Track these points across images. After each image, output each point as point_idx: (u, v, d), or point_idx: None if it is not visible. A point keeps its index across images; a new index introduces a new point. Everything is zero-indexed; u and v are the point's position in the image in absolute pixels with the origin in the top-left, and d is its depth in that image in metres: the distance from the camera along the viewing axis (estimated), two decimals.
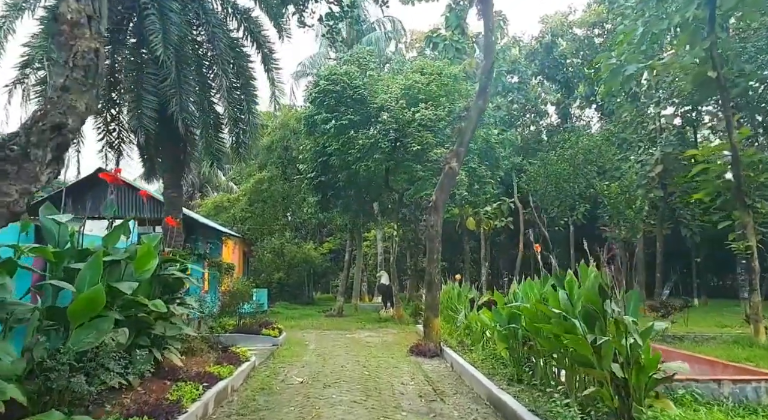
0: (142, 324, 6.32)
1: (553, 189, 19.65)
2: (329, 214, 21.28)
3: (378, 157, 16.43)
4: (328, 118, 17.29)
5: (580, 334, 4.65)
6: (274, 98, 11.32)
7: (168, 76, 9.04)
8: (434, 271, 10.70)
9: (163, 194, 10.39)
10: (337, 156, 17.43)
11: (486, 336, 9.17)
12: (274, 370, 9.25)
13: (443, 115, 16.40)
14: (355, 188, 19.61)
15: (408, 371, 9.01)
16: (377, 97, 17.04)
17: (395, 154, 17.33)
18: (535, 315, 6.30)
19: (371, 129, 16.77)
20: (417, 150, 16.03)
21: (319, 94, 17.27)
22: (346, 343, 12.98)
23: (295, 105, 22.14)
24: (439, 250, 10.84)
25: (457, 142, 10.71)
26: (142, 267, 6.33)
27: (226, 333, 11.95)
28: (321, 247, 37.92)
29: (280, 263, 33.92)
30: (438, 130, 16.75)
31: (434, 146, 16.32)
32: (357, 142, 16.63)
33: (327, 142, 17.66)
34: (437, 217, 10.71)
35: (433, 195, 10.71)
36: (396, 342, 13.04)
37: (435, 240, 10.72)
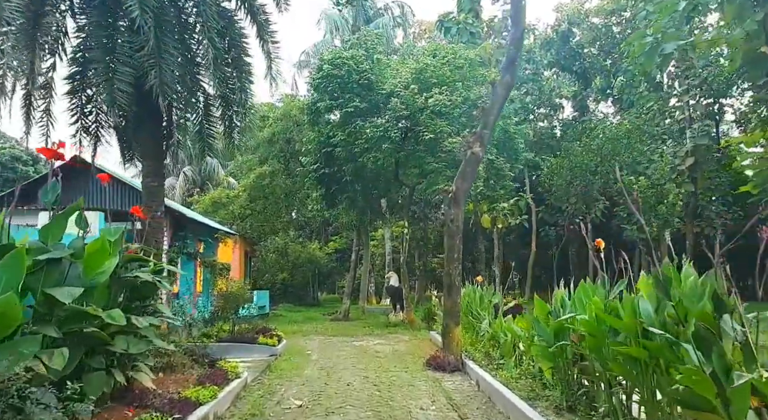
0: (93, 341, 4.96)
1: (578, 182, 18.20)
2: (334, 210, 19.91)
3: (387, 148, 15.05)
4: (333, 106, 15.94)
5: (694, 364, 3.23)
6: (270, 75, 9.94)
7: (145, 45, 7.68)
8: (454, 272, 9.29)
9: (142, 183, 9.04)
10: (343, 147, 16.06)
11: (519, 349, 7.75)
12: (270, 389, 7.87)
13: (459, 101, 15.00)
14: (362, 182, 18.24)
15: (426, 391, 7.60)
16: (386, 83, 15.67)
17: (406, 145, 15.94)
18: (598, 330, 4.89)
19: (379, 117, 15.39)
20: (430, 139, 14.64)
21: (322, 80, 15.91)
22: (353, 352, 11.59)
23: (297, 95, 20.82)
24: (460, 248, 9.44)
25: (480, 124, 9.31)
26: (94, 268, 4.98)
27: (218, 343, 10.59)
28: (326, 247, 36.62)
29: (284, 263, 32.62)
30: (453, 118, 15.34)
31: (449, 135, 14.91)
32: (364, 131, 15.26)
33: (331, 132, 16.30)
34: (458, 211, 9.30)
35: (453, 185, 9.30)
36: (409, 351, 11.64)
37: (455, 236, 9.32)
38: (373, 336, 15.06)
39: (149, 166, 8.88)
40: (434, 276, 39.83)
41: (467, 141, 9.31)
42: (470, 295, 11.20)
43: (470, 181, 9.68)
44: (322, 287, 44.06)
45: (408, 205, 17.60)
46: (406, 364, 9.87)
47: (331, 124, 16.90)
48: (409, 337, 14.50)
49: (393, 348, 12.24)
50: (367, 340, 13.92)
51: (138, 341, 5.67)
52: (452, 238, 9.35)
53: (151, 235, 8.47)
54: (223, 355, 10.23)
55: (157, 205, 8.76)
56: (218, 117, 10.55)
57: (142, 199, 9.05)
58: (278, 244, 32.61)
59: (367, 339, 14.25)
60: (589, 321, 5.05)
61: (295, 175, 20.32)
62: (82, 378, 4.97)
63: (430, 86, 15.35)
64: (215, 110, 10.48)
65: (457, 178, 9.40)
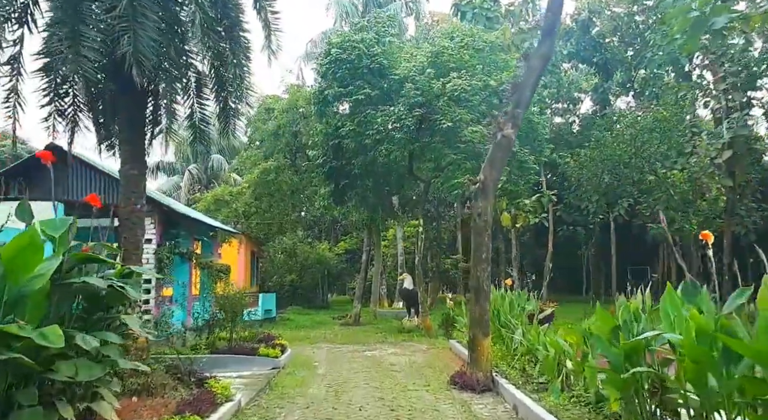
0: (20, 369, 3.73)
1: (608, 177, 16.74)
2: (344, 207, 18.65)
3: (400, 138, 13.76)
4: (341, 94, 14.68)
5: None
6: (269, 48, 8.69)
7: (117, 4, 6.46)
8: (482, 274, 7.97)
9: (120, 171, 7.83)
10: (352, 138, 14.79)
11: (566, 368, 6.41)
12: (266, 415, 6.61)
13: (479, 85, 13.66)
14: (373, 177, 16.96)
15: (454, 418, 6.30)
16: (399, 67, 14.38)
17: (421, 135, 14.62)
18: (704, 355, 3.56)
19: (392, 106, 14.09)
20: (447, 128, 13.31)
21: (330, 66, 14.66)
22: (365, 365, 10.30)
23: (304, 86, 19.59)
24: (489, 246, 8.12)
25: (513, 102, 7.99)
26: (22, 271, 3.75)
27: (212, 354, 9.36)
28: (336, 248, 35.41)
29: (293, 264, 31.43)
30: (472, 106, 14.01)
31: (468, 124, 13.57)
32: (375, 121, 13.97)
33: (340, 122, 15.04)
34: (486, 203, 7.99)
35: (481, 174, 8.00)
36: (428, 364, 10.32)
37: (483, 233, 8.00)
38: (387, 344, 13.77)
39: (128, 151, 7.65)
40: (448, 277, 38.50)
41: (497, 122, 7.99)
42: (498, 300, 9.86)
43: (500, 169, 8.36)
44: (332, 289, 42.87)
45: (423, 202, 16.29)
46: (426, 381, 8.57)
47: (340, 114, 15.64)
48: (426, 346, 13.19)
49: (410, 359, 10.93)
50: (380, 349, 12.63)
51: (91, 365, 4.42)
52: (480, 235, 8.03)
53: (130, 231, 7.25)
54: (219, 369, 8.99)
55: (137, 197, 7.55)
56: (212, 99, 9.33)
57: (119, 189, 7.84)
58: (286, 245, 31.48)
59: (380, 348, 12.96)
60: (688, 342, 3.71)
61: (302, 171, 19.10)
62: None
63: (448, 71, 14.04)
64: (208, 91, 9.26)
65: (486, 166, 8.08)
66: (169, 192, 31.62)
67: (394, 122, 13.83)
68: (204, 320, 9.92)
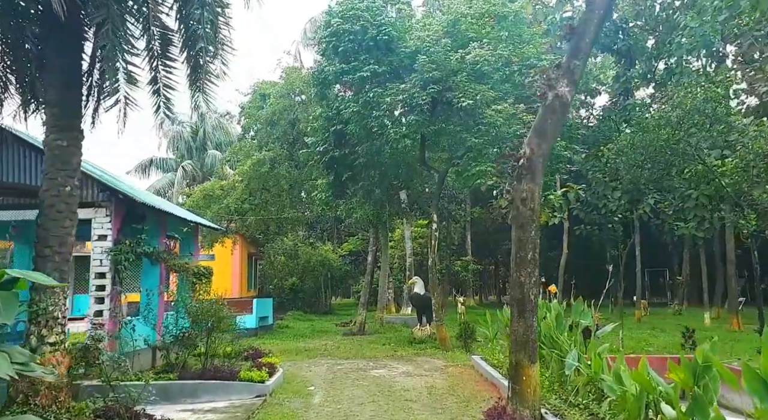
0: None
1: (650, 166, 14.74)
2: (347, 203, 16.72)
3: (412, 121, 11.82)
4: (344, 71, 12.77)
5: None
6: None
7: None
8: (528, 280, 6.02)
9: (43, 142, 5.95)
10: (356, 122, 12.88)
11: (664, 416, 4.44)
12: None
13: (505, 56, 11.74)
14: (380, 168, 15.05)
15: None
16: (410, 39, 12.46)
17: (435, 117, 12.71)
18: None
19: (402, 83, 12.17)
20: (467, 108, 11.38)
21: (331, 38, 12.76)
22: (372, 390, 8.35)
23: (303, 68, 17.66)
24: (537, 244, 6.19)
25: (569, 52, 6.06)
26: None
27: (179, 381, 7.45)
28: (340, 249, 33.58)
29: (294, 266, 29.61)
30: (495, 83, 12.08)
31: (493, 101, 11.64)
32: (383, 100, 12.05)
33: (342, 104, 13.12)
34: (533, 185, 6.05)
35: (525, 146, 6.08)
36: (450, 389, 8.37)
37: (529, 226, 6.06)
38: (397, 359, 11.82)
39: (54, 115, 5.76)
40: (457, 280, 36.50)
41: (547, 79, 6.05)
42: (539, 312, 7.86)
43: (552, 140, 6.39)
44: (335, 292, 41.07)
45: (437, 195, 14.33)
46: (451, 416, 6.63)
47: (342, 96, 13.74)
48: (443, 362, 11.22)
49: (426, 382, 8.97)
50: (389, 367, 10.68)
51: None
52: (524, 229, 6.09)
53: (53, 222, 5.36)
54: (186, 400, 7.09)
55: (66, 176, 5.67)
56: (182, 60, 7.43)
57: (43, 165, 5.95)
58: (287, 246, 29.64)
59: (389, 365, 11.01)
60: None
61: (301, 163, 17.18)
62: None
63: (467, 42, 12.12)
64: (176, 50, 7.36)
65: (531, 137, 6.14)
66: (162, 190, 29.83)
67: (405, 102, 11.91)
68: (171, 336, 8.02)
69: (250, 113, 16.78)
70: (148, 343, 7.80)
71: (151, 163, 31.84)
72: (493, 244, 47.09)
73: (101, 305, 7.53)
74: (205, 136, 30.43)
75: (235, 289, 23.08)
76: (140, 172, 31.70)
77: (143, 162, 31.73)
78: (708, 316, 24.08)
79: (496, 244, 47.28)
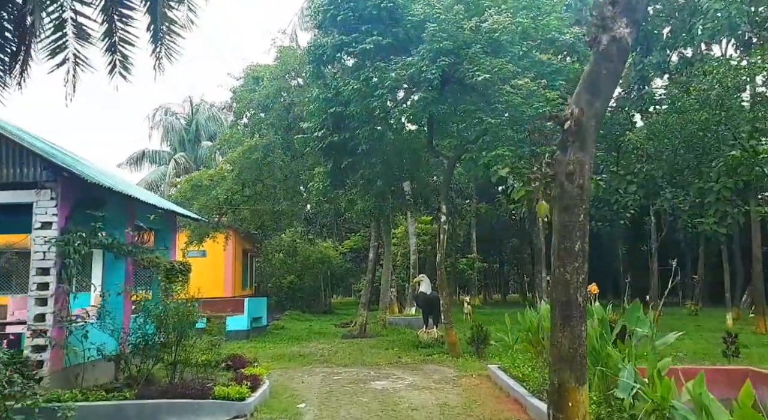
0: None
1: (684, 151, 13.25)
2: (347, 194, 15.36)
3: (420, 99, 10.46)
4: (343, 43, 11.41)
5: None
6: None
7: None
8: (575, 278, 4.68)
9: None
10: (357, 102, 11.50)
11: None
12: None
13: (527, 25, 10.36)
14: (382, 156, 13.70)
15: None
16: (418, 7, 11.07)
17: (445, 95, 11.34)
18: None
19: (409, 56, 10.80)
20: (483, 82, 10.00)
21: (329, 7, 11.39)
22: (374, 409, 7.00)
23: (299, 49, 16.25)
24: (586, 231, 4.82)
25: None
26: None
27: (137, 400, 6.10)
28: (341, 246, 32.30)
29: (292, 264, 28.34)
30: (513, 57, 10.70)
31: (511, 76, 10.25)
32: (387, 75, 10.68)
33: (341, 82, 11.75)
34: (583, 156, 4.70)
35: (572, 104, 4.73)
36: (466, 408, 7.01)
37: (577, 208, 4.72)
38: (402, 368, 10.46)
39: None
40: (463, 278, 35.12)
41: (600, 18, 4.68)
42: None
43: (608, 97, 5.02)
44: (336, 290, 39.79)
45: (447, 184, 12.95)
46: None
47: (342, 74, 12.37)
48: (454, 371, 9.86)
49: (437, 398, 7.61)
50: (393, 378, 9.32)
51: None
52: (570, 212, 4.74)
53: None
54: None
55: None
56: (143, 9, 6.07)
57: None
58: (284, 242, 28.34)
59: (393, 374, 9.65)
60: None
61: (298, 153, 15.78)
62: None
63: (482, 10, 10.73)
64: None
65: (581, 92, 4.78)
66: (154, 183, 28.52)
67: (412, 78, 10.53)
68: (132, 344, 6.69)
69: (242, 96, 15.39)
70: (102, 353, 6.46)
71: (143, 156, 30.51)
72: (498, 242, 45.75)
73: (44, 307, 6.19)
74: (198, 128, 29.09)
75: (228, 288, 21.76)
76: (132, 165, 30.40)
77: (135, 154, 30.41)
78: (730, 317, 22.67)
79: (501, 241, 45.96)
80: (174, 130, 29.65)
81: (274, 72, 15.21)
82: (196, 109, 30.66)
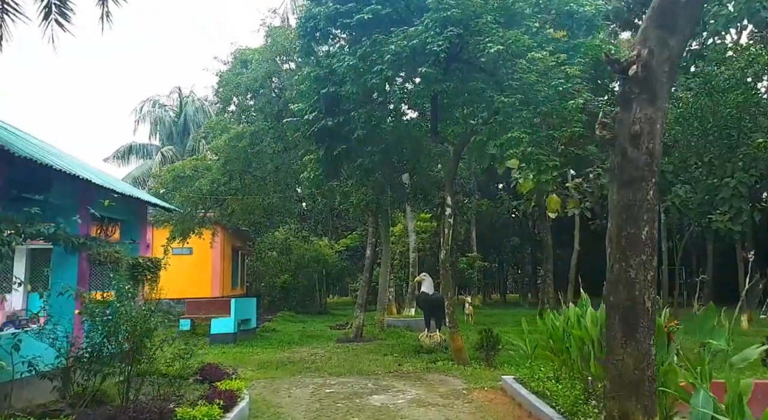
0: None
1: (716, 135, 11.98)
2: (341, 185, 14.18)
3: (425, 73, 9.25)
4: (338, 13, 10.21)
5: None
6: None
7: None
8: (642, 275, 3.53)
9: None
10: (353, 80, 10.29)
11: None
12: None
13: None
14: (380, 145, 12.50)
15: None
16: None
17: (451, 74, 10.16)
18: None
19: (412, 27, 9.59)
20: (496, 54, 8.82)
21: None
22: None
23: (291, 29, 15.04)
24: (655, 214, 3.64)
25: None
26: None
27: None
28: (337, 244, 31.16)
29: (285, 263, 27.16)
30: (529, 29, 9.53)
31: (527, 50, 9.08)
32: (386, 49, 9.48)
33: (335, 59, 10.54)
34: (652, 111, 3.54)
35: (637, 46, 3.52)
36: None
37: (645, 182, 3.57)
38: (403, 378, 9.27)
39: None
40: (463, 278, 33.96)
41: None
42: None
43: (685, 35, 3.84)
44: (332, 290, 38.62)
45: (452, 174, 11.74)
46: None
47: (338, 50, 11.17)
48: (463, 383, 8.68)
49: (447, 418, 6.43)
50: (393, 391, 8.13)
51: None
52: (635, 187, 3.58)
53: None
54: None
55: None
56: None
57: None
58: (278, 240, 27.14)
59: (393, 387, 8.46)
60: None
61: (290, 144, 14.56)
62: None
63: None
64: None
65: (649, 29, 3.62)
66: (141, 178, 27.26)
67: (415, 51, 9.32)
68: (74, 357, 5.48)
69: (229, 80, 14.15)
70: (35, 368, 5.24)
71: (130, 150, 29.22)
72: (498, 241, 44.65)
73: None
74: (187, 120, 27.83)
75: (216, 288, 20.55)
76: (119, 160, 29.11)
77: (122, 148, 29.12)
78: (745, 319, 21.59)
79: (501, 240, 44.85)
80: (162, 123, 28.39)
81: (263, 53, 13.98)
82: (185, 100, 29.41)
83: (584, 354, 6.17)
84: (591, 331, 5.83)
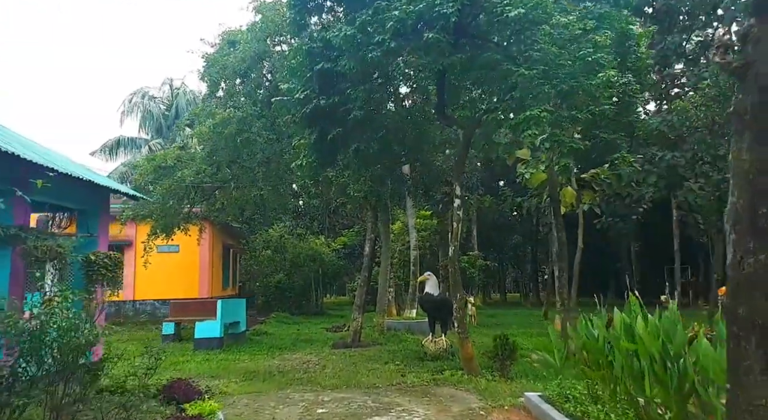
0: None
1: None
2: (338, 175, 12.97)
3: (433, 40, 8.03)
4: None
5: None
6: None
7: None
8: None
9: None
10: (351, 53, 9.06)
11: None
12: None
13: None
14: (380, 128, 11.29)
15: None
16: None
17: (460, 48, 8.95)
18: None
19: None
20: (514, 19, 7.62)
21: None
22: None
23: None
24: None
25: None
26: None
27: None
28: (334, 242, 30.00)
29: (280, 261, 26.00)
30: None
31: (550, 16, 7.88)
32: (388, 14, 8.26)
33: (329, 32, 9.31)
34: None
35: None
36: None
37: None
38: (408, 392, 8.06)
39: None
40: (464, 277, 32.82)
41: None
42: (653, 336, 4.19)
43: None
44: (328, 289, 37.44)
45: (462, 160, 10.51)
46: None
47: (330, 22, 9.97)
48: (479, 399, 7.46)
49: None
50: (398, 411, 6.92)
51: None
52: None
53: None
54: None
55: None
56: None
57: None
58: (272, 237, 25.98)
59: (397, 405, 7.24)
60: None
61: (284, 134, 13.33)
62: None
63: None
64: None
65: None
66: (128, 173, 26.00)
67: (421, 15, 8.12)
68: None
69: (215, 61, 12.93)
70: None
71: (118, 144, 27.96)
72: (498, 240, 43.50)
73: None
74: (179, 113, 26.59)
75: (204, 288, 19.31)
76: (106, 154, 27.85)
77: (109, 142, 27.85)
78: None
79: (501, 239, 43.70)
80: (152, 116, 27.13)
81: (252, 32, 12.76)
82: (176, 92, 28.16)
83: (635, 372, 4.98)
84: (649, 343, 4.63)
